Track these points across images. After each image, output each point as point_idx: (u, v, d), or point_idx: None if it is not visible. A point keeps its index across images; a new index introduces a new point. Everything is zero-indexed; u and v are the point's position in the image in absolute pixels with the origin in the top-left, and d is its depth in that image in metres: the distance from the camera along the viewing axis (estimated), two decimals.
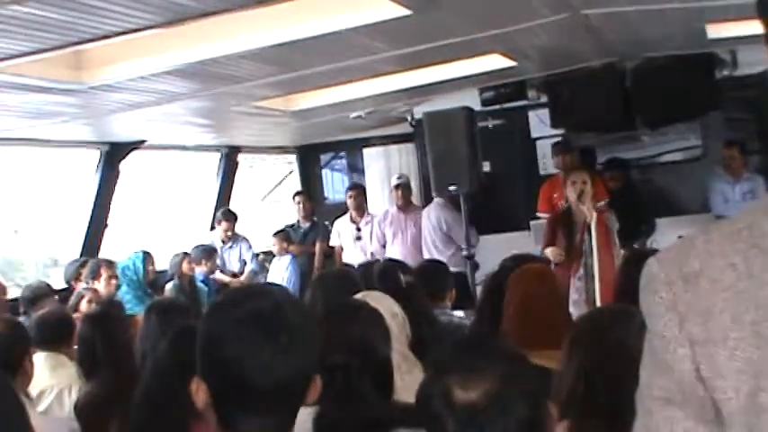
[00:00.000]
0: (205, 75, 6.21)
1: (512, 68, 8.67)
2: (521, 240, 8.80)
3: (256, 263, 10.17)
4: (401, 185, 9.99)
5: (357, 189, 10.57)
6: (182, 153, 11.05)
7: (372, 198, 11.03)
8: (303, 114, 8.99)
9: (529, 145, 10.39)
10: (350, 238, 10.28)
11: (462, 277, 7.88)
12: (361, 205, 10.36)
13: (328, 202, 11.81)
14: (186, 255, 9.05)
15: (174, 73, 5.87)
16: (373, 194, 11.15)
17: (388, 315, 3.29)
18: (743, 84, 9.06)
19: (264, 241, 10.50)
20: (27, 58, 4.83)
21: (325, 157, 12.17)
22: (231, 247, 10.12)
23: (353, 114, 9.76)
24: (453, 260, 8.65)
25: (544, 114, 10.06)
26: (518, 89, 10.00)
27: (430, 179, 8.89)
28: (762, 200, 1.25)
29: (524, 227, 9.32)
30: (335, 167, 12.24)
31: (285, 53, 5.90)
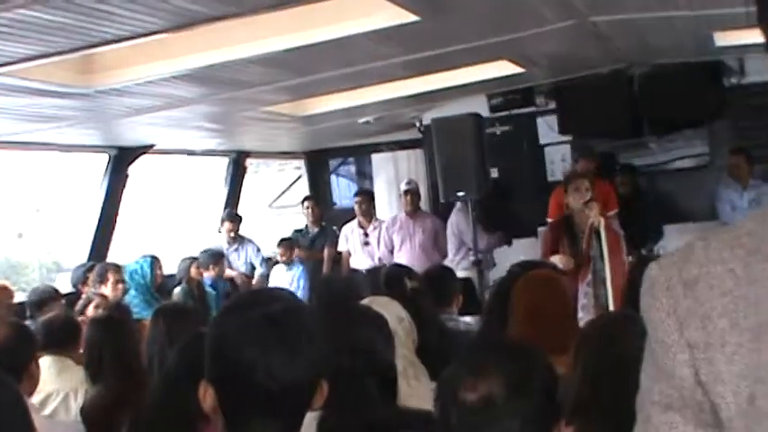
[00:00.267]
0: (213, 79, 6.23)
1: (520, 75, 8.69)
2: (529, 247, 8.80)
3: (266, 267, 10.18)
4: (410, 191, 9.98)
5: (365, 195, 10.57)
6: (191, 158, 11.08)
7: (380, 204, 11.04)
8: (312, 119, 9.01)
9: (537, 151, 10.39)
10: (358, 244, 10.28)
11: (469, 283, 7.88)
12: (369, 211, 10.36)
13: (337, 208, 11.82)
14: (194, 259, 9.07)
15: (183, 77, 5.89)
16: (381, 200, 11.16)
17: (395, 320, 3.29)
18: (750, 92, 9.06)
19: (271, 247, 10.51)
20: (35, 62, 4.85)
21: (333, 163, 12.19)
22: (237, 250, 10.13)
23: (362, 120, 9.78)
24: (464, 263, 8.72)
25: (552, 121, 10.07)
26: (526, 95, 10.01)
27: (438, 185, 8.89)
28: (764, 208, 1.26)
29: (532, 233, 9.32)
30: (344, 173, 12.26)
31: (294, 58, 5.92)
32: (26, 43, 4.52)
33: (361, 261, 10.02)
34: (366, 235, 10.24)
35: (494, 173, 9.52)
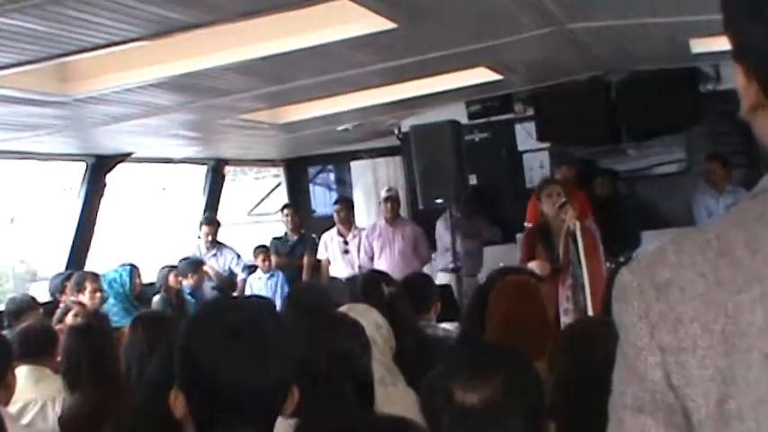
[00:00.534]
0: (191, 87, 6.22)
1: (498, 82, 8.71)
2: (507, 253, 8.81)
3: (247, 272, 10.16)
4: (390, 198, 10.00)
5: (344, 203, 10.56)
6: (169, 166, 11.06)
7: (359, 211, 11.04)
8: (290, 127, 9.00)
9: (515, 158, 10.43)
10: (337, 252, 10.27)
11: (448, 289, 7.89)
12: (348, 218, 10.35)
13: (316, 216, 11.81)
14: (173, 268, 9.04)
15: (160, 85, 5.88)
16: (360, 207, 11.16)
17: (372, 327, 3.29)
18: (726, 98, 9.10)
19: (250, 255, 10.49)
20: (11, 70, 4.83)
21: (312, 170, 12.19)
22: (215, 255, 10.09)
23: (341, 127, 9.79)
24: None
25: (530, 128, 10.12)
26: (504, 102, 10.06)
27: (417, 192, 8.90)
28: (732, 212, 1.27)
29: (511, 239, 9.34)
30: (323, 180, 12.26)
31: (271, 66, 5.92)
32: (2, 51, 4.50)
33: (340, 269, 10.02)
34: (346, 243, 10.24)
35: (472, 179, 9.54)
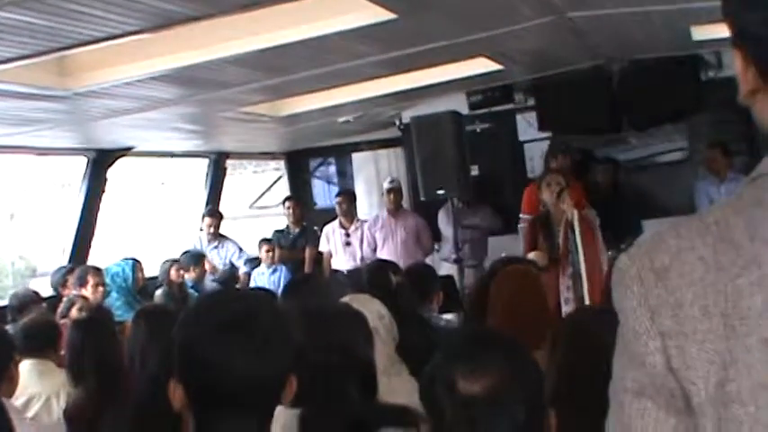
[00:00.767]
0: (191, 80, 6.22)
1: (499, 72, 8.70)
2: (510, 243, 8.82)
3: (250, 265, 10.16)
4: (393, 190, 10.00)
5: (346, 195, 10.56)
6: (169, 160, 11.06)
7: (361, 203, 11.03)
8: (291, 119, 9.00)
9: (517, 148, 10.42)
10: (339, 244, 10.27)
11: (450, 280, 7.90)
12: (350, 211, 10.35)
13: (317, 208, 11.81)
14: (175, 261, 9.05)
15: (160, 79, 5.88)
16: (362, 199, 11.16)
17: (375, 317, 3.30)
18: (728, 85, 9.03)
19: (253, 248, 10.49)
20: (10, 65, 4.83)
21: (313, 163, 12.18)
22: (216, 248, 10.09)
23: (342, 119, 9.78)
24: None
25: (532, 117, 10.10)
26: (505, 93, 10.04)
27: (418, 183, 8.90)
28: (732, 197, 1.28)
29: (513, 230, 9.33)
30: (324, 173, 12.25)
31: (272, 58, 5.91)
32: (2, 45, 4.50)
33: (342, 262, 10.03)
34: (348, 235, 10.24)
35: (474, 170, 9.53)
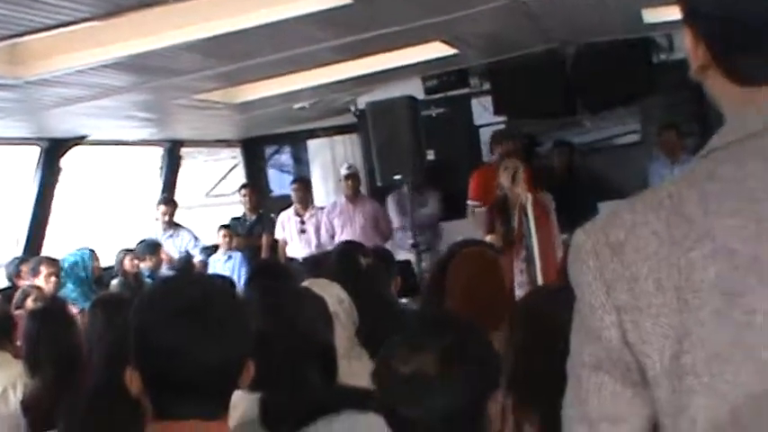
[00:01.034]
0: (144, 68, 6.17)
1: (454, 56, 8.72)
2: (466, 227, 8.84)
3: (206, 253, 10.12)
4: (350, 175, 10.01)
5: (301, 182, 10.56)
6: (123, 149, 10.98)
7: (318, 190, 11.03)
8: (246, 106, 8.96)
9: (472, 132, 10.46)
10: (294, 232, 10.26)
11: (408, 265, 7.92)
12: (305, 198, 10.35)
13: (274, 195, 11.77)
14: (129, 251, 8.99)
15: (113, 66, 5.82)
16: (318, 186, 11.15)
17: (335, 302, 3.30)
18: (680, 67, 9.11)
19: (209, 236, 10.44)
20: None
21: (269, 150, 12.14)
22: (172, 236, 10.01)
23: (297, 105, 9.75)
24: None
25: (487, 102, 10.14)
26: (460, 77, 10.06)
27: (375, 169, 8.90)
28: (684, 172, 1.30)
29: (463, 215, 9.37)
30: (280, 160, 12.21)
31: (225, 44, 5.88)
32: None
33: (297, 249, 10.02)
34: (302, 222, 10.23)
35: (430, 155, 9.56)
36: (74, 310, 5.85)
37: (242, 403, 2.32)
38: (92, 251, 8.34)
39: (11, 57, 5.48)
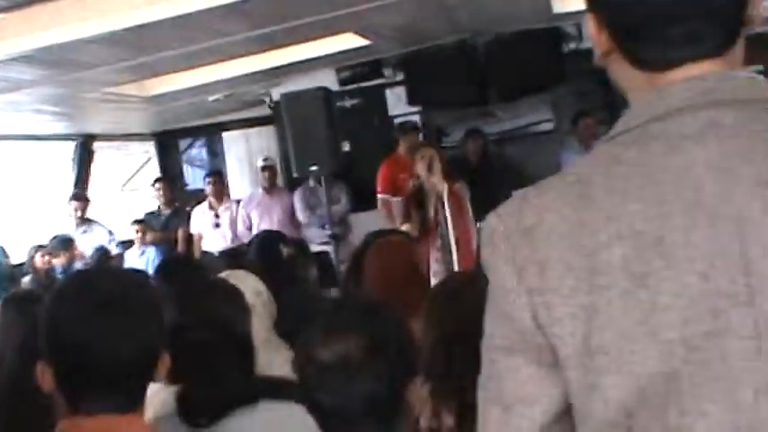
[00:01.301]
0: (53, 61, 6.04)
1: (367, 48, 8.72)
2: (377, 219, 8.88)
3: (122, 248, 9.99)
4: (267, 167, 10.00)
5: (216, 176, 10.48)
6: (37, 144, 10.77)
7: (234, 182, 10.96)
8: (159, 99, 8.85)
9: (387, 123, 10.46)
10: (209, 226, 10.18)
11: (326, 256, 7.93)
12: (220, 191, 10.28)
13: (189, 189, 11.65)
14: (41, 247, 8.83)
15: (20, 59, 5.69)
16: (234, 178, 11.08)
17: (252, 293, 3.29)
18: (588, 56, 9.26)
19: (125, 230, 10.31)
20: None
21: (184, 143, 12.01)
22: (85, 232, 9.86)
23: (211, 98, 9.67)
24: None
25: (401, 92, 10.16)
26: (374, 68, 10.07)
27: (291, 160, 8.87)
28: (590, 156, 1.33)
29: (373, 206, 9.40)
30: (195, 153, 12.10)
31: (136, 36, 5.79)
32: None
33: (212, 243, 9.95)
34: (217, 216, 10.17)
35: (345, 146, 9.56)
36: None
37: (159, 396, 2.31)
38: (1, 248, 8.18)
39: None
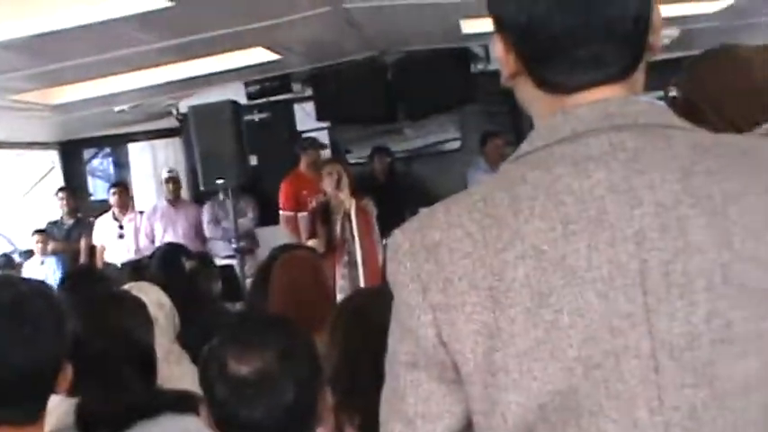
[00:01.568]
0: None
1: (276, 62, 8.70)
2: (282, 234, 8.87)
3: (24, 257, 9.79)
4: (171, 179, 9.93)
5: (120, 186, 10.34)
6: None
7: (138, 194, 10.82)
8: (64, 108, 8.68)
9: (295, 138, 10.42)
10: (112, 237, 10.04)
11: (231, 270, 7.88)
12: (125, 203, 10.15)
13: (93, 199, 11.46)
14: None
15: None
16: (139, 190, 10.94)
17: (155, 306, 3.26)
18: (496, 77, 9.38)
19: (26, 239, 10.10)
20: None
21: (88, 153, 11.81)
22: None
23: (117, 108, 9.53)
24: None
25: (310, 107, 10.16)
26: (283, 82, 10.05)
27: (198, 173, 8.79)
28: (496, 176, 1.35)
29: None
30: (100, 163, 11.92)
31: (42, 44, 5.68)
32: None
33: (115, 254, 9.81)
34: (121, 227, 10.04)
35: (253, 160, 9.52)
36: None
37: (59, 408, 2.27)
38: None
39: None
